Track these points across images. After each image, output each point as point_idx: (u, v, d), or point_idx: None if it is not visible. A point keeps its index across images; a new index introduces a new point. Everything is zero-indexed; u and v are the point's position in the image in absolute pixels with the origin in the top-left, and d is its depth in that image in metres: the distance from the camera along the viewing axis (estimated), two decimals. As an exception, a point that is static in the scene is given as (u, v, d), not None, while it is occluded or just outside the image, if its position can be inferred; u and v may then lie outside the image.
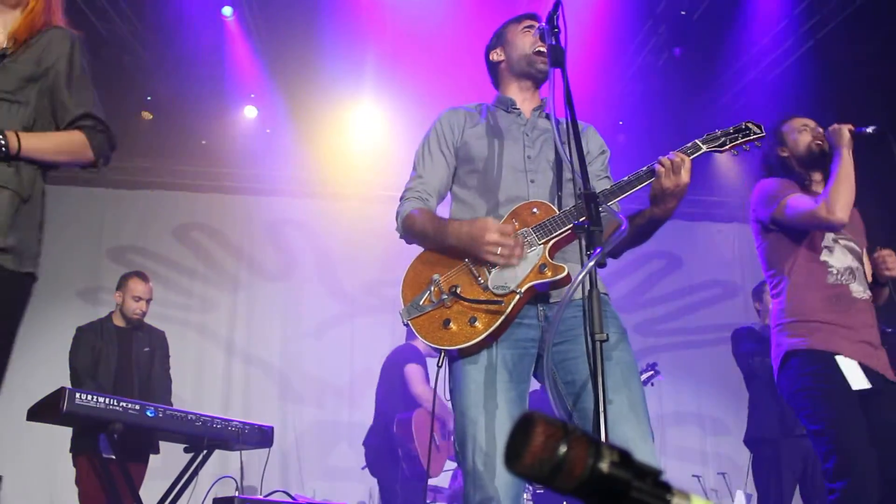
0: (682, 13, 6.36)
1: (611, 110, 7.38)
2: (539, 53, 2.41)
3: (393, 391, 5.26)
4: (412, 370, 5.18)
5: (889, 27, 6.02)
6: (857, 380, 2.82)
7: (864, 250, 3.16)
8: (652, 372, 6.14)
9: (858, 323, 2.93)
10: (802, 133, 3.14)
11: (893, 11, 5.92)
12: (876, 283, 3.11)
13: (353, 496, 6.80)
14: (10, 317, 2.11)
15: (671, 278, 8.32)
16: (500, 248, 2.06)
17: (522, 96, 2.49)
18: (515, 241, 2.09)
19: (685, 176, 2.11)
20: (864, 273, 3.08)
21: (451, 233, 2.18)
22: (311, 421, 7.56)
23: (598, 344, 1.68)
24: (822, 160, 3.05)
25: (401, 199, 2.42)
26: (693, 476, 6.97)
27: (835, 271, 2.99)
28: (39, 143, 2.14)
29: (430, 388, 5.09)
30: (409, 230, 2.34)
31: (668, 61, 6.80)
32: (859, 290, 3.00)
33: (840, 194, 2.83)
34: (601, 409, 1.65)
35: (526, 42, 2.45)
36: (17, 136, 2.08)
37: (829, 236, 3.03)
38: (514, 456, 0.63)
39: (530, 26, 2.49)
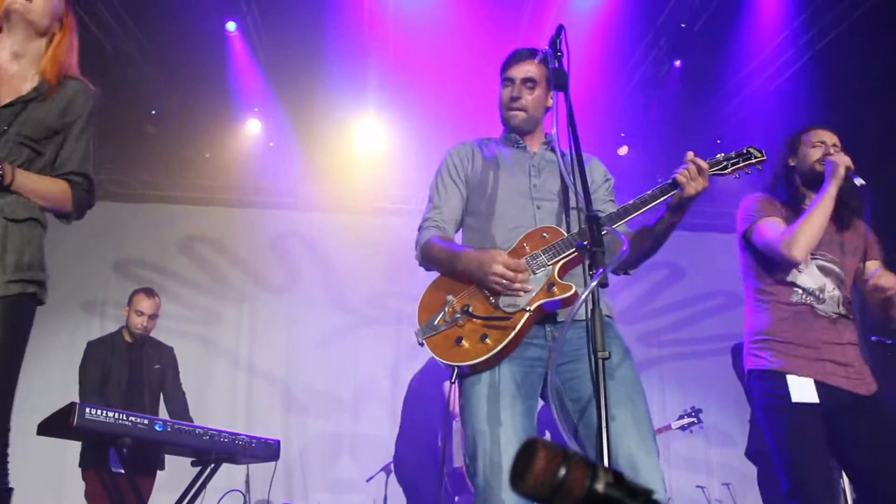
0: (683, 25, 6.41)
1: (612, 122, 7.44)
2: (509, 107, 2.53)
3: (432, 407, 5.25)
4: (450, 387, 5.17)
5: (890, 37, 6.05)
6: (803, 394, 2.80)
7: (864, 264, 3.11)
8: (694, 419, 5.99)
9: (819, 342, 2.90)
10: (814, 149, 3.09)
11: (894, 22, 5.96)
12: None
13: (357, 508, 6.83)
14: (27, 340, 2.26)
15: (674, 289, 8.35)
16: (504, 281, 2.16)
17: (528, 135, 2.59)
18: (520, 274, 2.17)
19: (704, 181, 2.22)
20: (844, 292, 3.02)
21: (462, 259, 2.28)
22: (316, 433, 7.59)
23: (600, 361, 1.73)
24: (817, 182, 3.01)
25: (419, 228, 2.51)
26: (697, 487, 6.98)
27: (800, 291, 2.98)
28: (30, 184, 2.25)
29: None
30: (427, 257, 2.44)
31: (668, 73, 6.85)
32: (826, 310, 2.96)
33: (803, 233, 2.85)
34: (604, 425, 1.70)
35: (504, 94, 2.57)
36: (14, 171, 2.20)
37: (811, 267, 3.00)
38: (518, 477, 0.67)
39: (508, 79, 2.56)
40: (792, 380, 2.84)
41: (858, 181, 2.89)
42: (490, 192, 2.44)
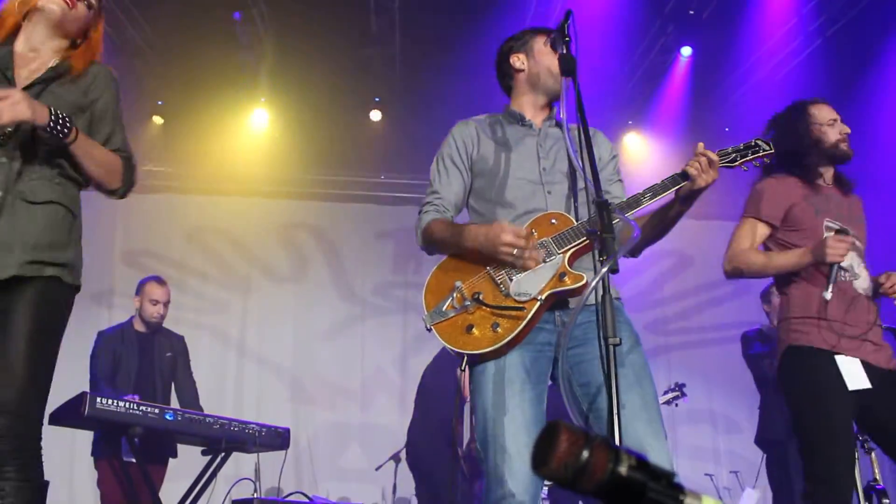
0: (691, 13, 6.38)
1: (620, 110, 7.42)
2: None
3: (447, 395, 5.24)
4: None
5: (898, 25, 6.02)
6: (856, 380, 2.77)
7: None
8: (677, 392, 6.05)
9: (861, 321, 2.88)
10: (830, 128, 3.12)
11: (903, 9, 5.93)
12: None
13: (366, 497, 6.85)
14: (62, 327, 2.25)
15: (682, 277, 8.33)
16: (515, 249, 2.12)
17: (534, 111, 2.51)
18: (530, 242, 2.14)
19: (715, 173, 2.23)
20: (865, 270, 3.02)
21: (468, 236, 2.23)
22: (324, 422, 7.61)
23: (611, 347, 1.73)
24: (841, 161, 3.09)
25: (419, 213, 2.47)
26: (706, 475, 6.98)
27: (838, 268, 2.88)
28: (90, 147, 2.23)
29: None
30: (428, 240, 2.39)
31: (676, 61, 6.82)
32: (862, 287, 2.95)
33: (749, 268, 2.99)
34: (615, 410, 1.71)
35: (554, 59, 2.39)
36: (77, 131, 2.17)
37: (831, 234, 2.91)
38: (541, 461, 0.68)
39: (554, 42, 2.47)
40: (843, 361, 2.80)
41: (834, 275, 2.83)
42: (498, 176, 2.40)
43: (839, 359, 2.81)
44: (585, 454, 0.67)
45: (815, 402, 2.80)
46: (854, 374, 2.79)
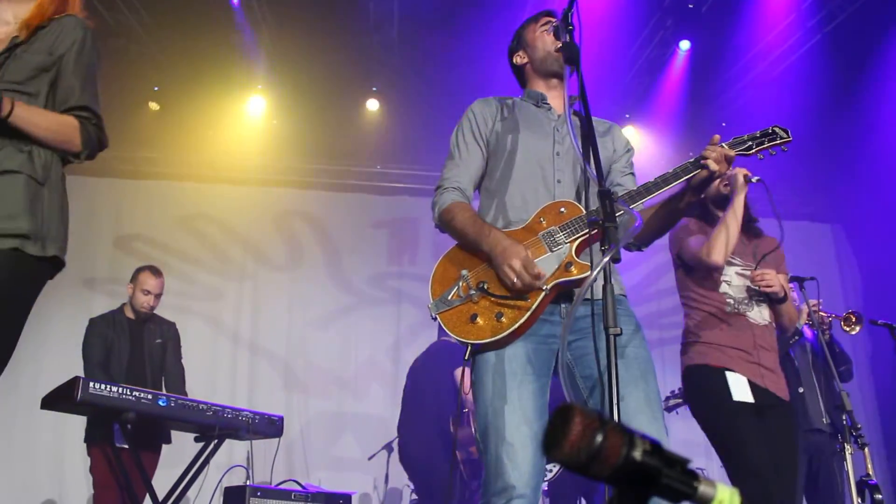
0: (690, 6, 6.36)
1: (618, 104, 7.40)
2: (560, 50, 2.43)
3: (440, 391, 5.20)
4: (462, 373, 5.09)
5: (897, 21, 6.02)
6: (741, 393, 3.16)
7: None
8: (679, 399, 6.03)
9: (752, 346, 3.28)
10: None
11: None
12: (771, 303, 3.44)
13: (358, 486, 6.85)
14: (24, 298, 2.11)
15: (676, 271, 8.33)
16: (516, 279, 2.09)
17: (552, 94, 2.50)
18: (533, 278, 2.10)
19: (729, 165, 2.21)
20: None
21: (488, 240, 2.20)
22: (317, 411, 7.60)
23: (611, 337, 1.72)
24: (726, 201, 3.40)
25: (437, 188, 2.42)
26: (697, 469, 7.00)
27: (732, 301, 3.37)
28: (31, 116, 2.10)
29: None
30: (446, 224, 2.34)
31: (675, 54, 6.80)
32: (757, 317, 3.37)
33: (718, 241, 3.25)
34: (614, 402, 1.70)
35: (547, 41, 2.46)
36: (12, 102, 2.06)
37: (731, 270, 3.42)
38: (554, 444, 0.66)
39: (548, 23, 2.50)
40: (732, 377, 3.20)
41: (755, 179, 3.30)
42: (511, 156, 2.37)
43: (729, 375, 3.23)
44: (599, 438, 0.66)
45: (717, 416, 3.29)
46: (740, 388, 3.19)
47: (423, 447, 5.12)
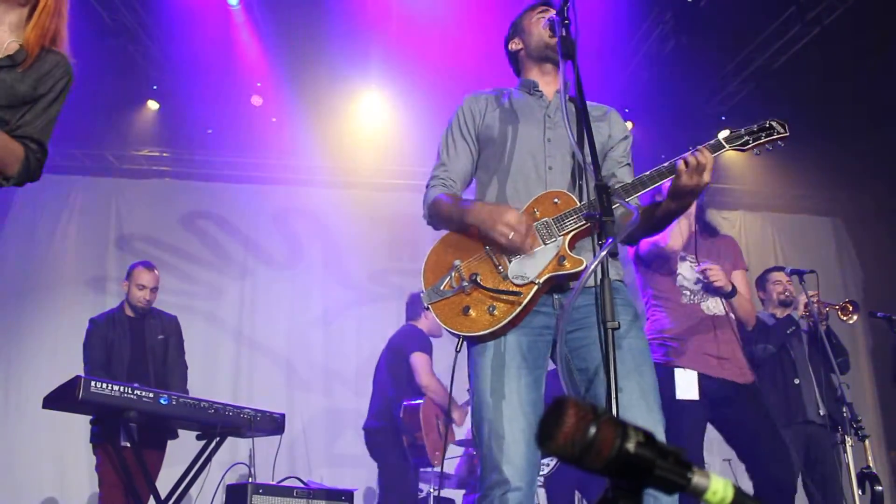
0: (688, 0, 6.35)
1: (616, 98, 7.37)
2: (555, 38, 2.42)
3: (398, 377, 5.27)
4: (419, 360, 5.16)
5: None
6: (686, 391, 3.28)
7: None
8: None
9: (706, 337, 3.41)
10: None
11: (899, -2, 5.90)
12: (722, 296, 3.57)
13: (360, 483, 6.84)
14: None
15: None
16: (511, 234, 2.08)
17: (545, 80, 2.51)
18: (529, 231, 2.11)
19: (706, 177, 2.08)
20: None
21: (471, 211, 2.21)
22: (318, 408, 7.61)
23: (609, 332, 1.72)
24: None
25: (427, 186, 2.44)
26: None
27: (689, 293, 3.52)
28: None
29: (436, 378, 5.12)
30: (435, 215, 2.37)
31: (673, 49, 6.79)
32: (714, 308, 3.52)
33: (671, 227, 3.31)
34: (613, 396, 1.70)
35: (542, 29, 2.47)
36: None
37: (684, 264, 3.57)
38: (547, 436, 0.67)
39: (545, 12, 2.51)
40: (679, 374, 3.32)
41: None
42: (502, 146, 2.37)
43: (677, 371, 3.37)
44: (593, 430, 0.66)
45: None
46: (686, 386, 3.33)
47: (373, 433, 5.23)
